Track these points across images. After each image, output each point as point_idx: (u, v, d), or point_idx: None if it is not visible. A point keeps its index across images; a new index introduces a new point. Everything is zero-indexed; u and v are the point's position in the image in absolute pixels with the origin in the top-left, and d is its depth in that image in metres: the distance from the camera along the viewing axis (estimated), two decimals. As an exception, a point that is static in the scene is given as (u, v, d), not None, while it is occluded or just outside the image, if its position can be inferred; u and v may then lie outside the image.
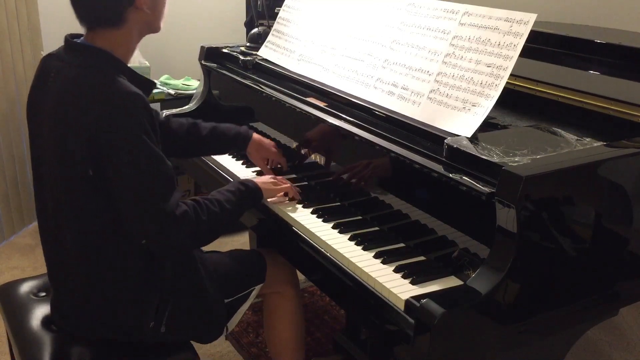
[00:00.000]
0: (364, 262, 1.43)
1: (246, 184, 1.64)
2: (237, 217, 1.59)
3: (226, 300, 1.68)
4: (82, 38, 1.46)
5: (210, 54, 2.44)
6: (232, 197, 1.56)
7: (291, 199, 1.74)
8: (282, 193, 1.74)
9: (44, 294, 1.74)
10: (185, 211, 1.40)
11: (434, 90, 1.55)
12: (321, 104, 1.80)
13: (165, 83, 3.49)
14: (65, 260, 1.50)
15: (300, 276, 1.87)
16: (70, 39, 1.45)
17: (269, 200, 1.73)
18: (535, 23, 1.41)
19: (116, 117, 1.33)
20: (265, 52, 2.24)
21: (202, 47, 2.46)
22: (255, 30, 2.51)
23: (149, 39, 1.59)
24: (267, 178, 1.75)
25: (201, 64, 2.44)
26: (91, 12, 1.41)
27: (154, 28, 1.52)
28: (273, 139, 2.06)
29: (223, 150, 2.04)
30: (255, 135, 1.93)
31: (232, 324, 1.72)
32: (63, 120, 1.38)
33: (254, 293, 1.76)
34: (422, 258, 1.45)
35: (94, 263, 1.47)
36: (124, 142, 1.34)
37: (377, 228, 1.60)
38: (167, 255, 1.50)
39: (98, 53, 1.41)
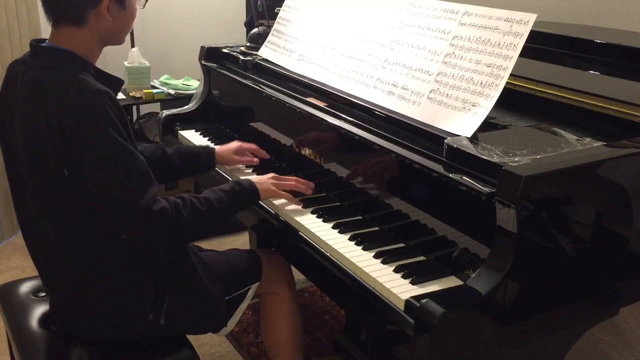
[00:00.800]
0: (364, 262, 1.43)
1: (242, 184, 1.62)
2: (226, 217, 1.57)
3: (225, 298, 1.68)
4: (46, 41, 1.47)
5: (210, 54, 2.44)
6: (223, 196, 1.55)
7: (302, 195, 1.73)
8: (287, 191, 1.71)
9: (43, 294, 1.74)
10: (164, 207, 1.40)
11: (434, 90, 1.55)
12: (321, 104, 1.80)
13: (165, 83, 3.49)
14: (55, 262, 1.50)
15: (300, 276, 1.87)
16: (35, 43, 1.46)
17: (276, 203, 1.72)
18: (535, 23, 1.41)
19: (82, 114, 1.34)
20: (265, 52, 2.24)
21: (202, 47, 2.46)
22: (255, 30, 2.51)
23: (149, 39, 1.61)
24: (266, 177, 1.73)
25: (201, 64, 2.44)
26: (56, 6, 1.43)
27: (117, 40, 1.53)
28: (273, 139, 2.07)
29: (193, 169, 1.99)
30: (218, 148, 1.97)
31: (232, 323, 1.72)
32: (32, 123, 1.38)
33: (250, 292, 1.76)
34: (422, 258, 1.45)
35: (85, 261, 1.47)
36: (91, 138, 1.34)
37: (377, 228, 1.60)
38: (146, 250, 1.49)
39: (61, 53, 1.42)
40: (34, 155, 1.40)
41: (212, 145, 1.99)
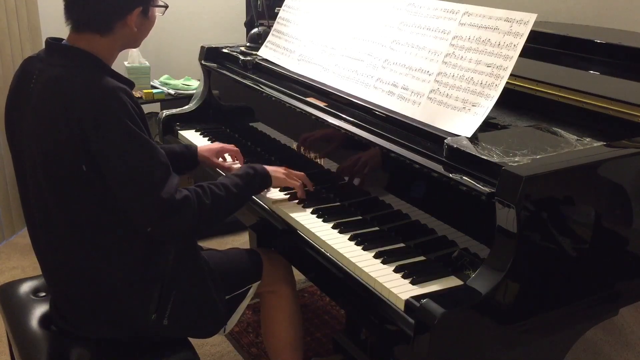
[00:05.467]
0: (364, 262, 1.43)
1: (255, 168, 1.67)
2: (244, 200, 1.63)
3: (225, 297, 1.68)
4: (64, 41, 1.48)
5: (210, 54, 2.44)
6: (239, 180, 1.59)
7: (299, 198, 1.74)
8: (290, 185, 1.74)
9: (43, 294, 1.74)
10: (187, 196, 1.42)
11: (434, 90, 1.55)
12: (321, 104, 1.80)
13: (165, 83, 3.49)
14: (61, 260, 1.50)
15: (301, 276, 1.87)
16: (52, 41, 1.47)
17: (275, 201, 1.73)
18: (535, 23, 1.41)
19: (102, 109, 1.35)
20: (265, 52, 2.24)
21: (202, 47, 2.46)
22: (255, 30, 2.51)
23: (149, 39, 1.61)
24: (278, 168, 1.76)
25: (201, 64, 2.44)
26: (83, 15, 1.44)
27: (135, 45, 1.57)
28: (273, 139, 2.07)
29: (176, 169, 1.99)
30: (200, 147, 1.97)
31: (232, 322, 1.72)
32: (48, 120, 1.39)
33: (251, 291, 1.76)
34: (422, 258, 1.45)
35: (92, 258, 1.47)
36: (112, 132, 1.35)
37: (377, 228, 1.60)
38: (171, 240, 1.51)
39: (81, 54, 1.44)
40: (46, 152, 1.40)
41: (194, 144, 1.98)
